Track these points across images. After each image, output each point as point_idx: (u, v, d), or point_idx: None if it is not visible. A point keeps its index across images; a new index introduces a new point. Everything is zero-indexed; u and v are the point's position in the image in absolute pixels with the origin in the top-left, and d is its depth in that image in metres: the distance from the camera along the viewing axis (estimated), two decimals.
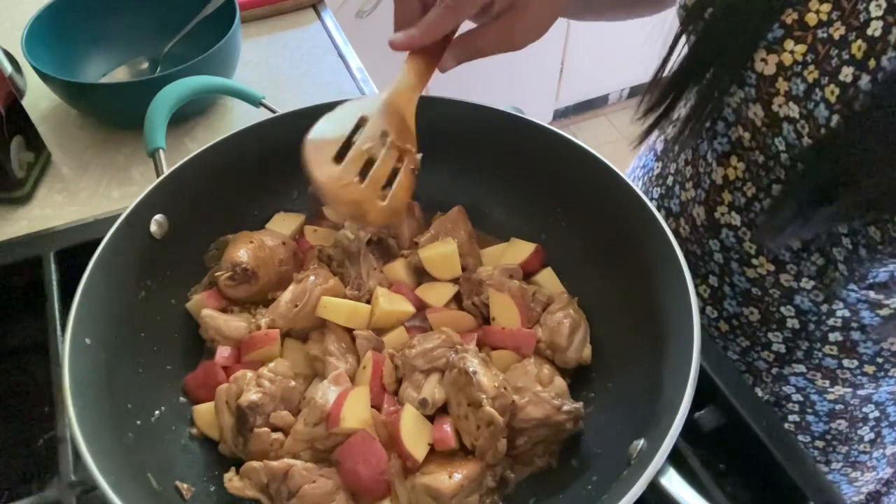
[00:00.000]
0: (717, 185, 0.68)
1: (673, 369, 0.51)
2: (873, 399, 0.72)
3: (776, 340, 0.71)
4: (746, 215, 0.66)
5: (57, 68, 0.90)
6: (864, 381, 0.69)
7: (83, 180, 0.91)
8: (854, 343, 0.66)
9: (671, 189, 0.76)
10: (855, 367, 0.68)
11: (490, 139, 0.71)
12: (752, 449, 0.57)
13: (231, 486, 0.55)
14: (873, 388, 0.70)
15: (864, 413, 0.74)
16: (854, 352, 0.67)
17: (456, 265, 0.68)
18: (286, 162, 0.72)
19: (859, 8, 0.51)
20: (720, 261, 0.71)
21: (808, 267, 0.64)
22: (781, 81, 0.56)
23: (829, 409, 0.74)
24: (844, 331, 0.66)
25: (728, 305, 0.73)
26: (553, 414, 0.57)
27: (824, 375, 0.71)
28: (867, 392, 0.71)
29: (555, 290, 0.68)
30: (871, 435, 0.76)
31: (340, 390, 0.58)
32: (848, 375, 0.69)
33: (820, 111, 0.53)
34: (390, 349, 0.62)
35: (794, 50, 0.55)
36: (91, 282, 0.55)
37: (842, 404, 0.73)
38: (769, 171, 0.62)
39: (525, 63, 2.36)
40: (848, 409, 0.74)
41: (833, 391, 0.72)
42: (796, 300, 0.67)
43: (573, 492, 0.55)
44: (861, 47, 0.51)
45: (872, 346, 0.66)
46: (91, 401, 0.51)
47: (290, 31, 1.15)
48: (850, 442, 0.77)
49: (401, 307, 0.65)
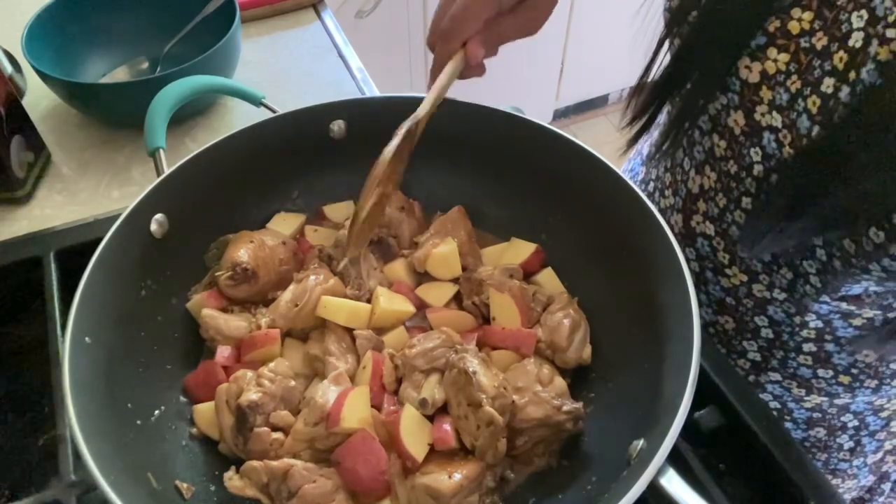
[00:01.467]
0: (693, 194, 0.68)
1: (673, 369, 0.51)
2: (851, 409, 0.72)
3: (751, 349, 0.71)
4: (720, 225, 0.66)
5: (57, 68, 0.90)
6: (840, 390, 0.69)
7: (83, 180, 0.91)
8: (828, 354, 0.66)
9: (652, 195, 0.76)
10: (830, 377, 0.68)
11: (490, 139, 0.71)
12: (752, 449, 0.57)
13: (231, 485, 0.55)
14: (849, 398, 0.70)
15: (843, 422, 0.74)
16: (828, 362, 0.67)
17: (456, 265, 0.68)
18: (286, 162, 0.72)
19: (841, 18, 0.50)
20: (696, 269, 0.71)
21: (780, 279, 0.64)
22: (765, 90, 0.56)
23: (807, 417, 0.74)
24: (818, 342, 0.66)
25: (704, 314, 0.73)
26: (553, 414, 0.57)
27: (800, 384, 0.71)
28: (844, 402, 0.71)
29: (555, 290, 0.68)
30: (850, 444, 0.76)
31: (340, 390, 0.58)
32: (823, 385, 0.69)
33: (802, 122, 0.53)
34: (390, 349, 0.62)
35: (778, 59, 0.55)
36: (91, 282, 0.55)
37: (819, 413, 0.73)
38: (740, 182, 0.62)
39: (525, 63, 2.36)
40: (826, 418, 0.73)
41: (809, 400, 0.72)
42: (769, 311, 0.67)
43: (573, 492, 0.55)
44: (842, 58, 0.50)
45: (847, 358, 0.66)
46: (91, 401, 0.51)
47: (290, 31, 1.15)
48: (830, 450, 0.76)
49: (401, 307, 0.65)
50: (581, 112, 2.86)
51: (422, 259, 0.68)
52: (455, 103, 0.70)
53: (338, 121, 0.72)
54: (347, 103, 0.73)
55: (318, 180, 0.75)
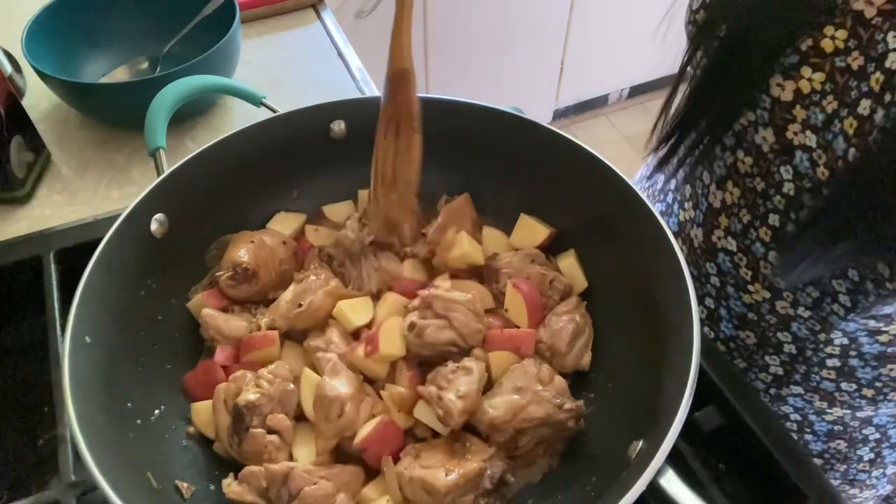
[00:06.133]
0: (715, 209, 0.67)
1: (673, 370, 0.51)
2: (873, 422, 0.71)
3: (773, 364, 0.70)
4: (742, 241, 0.65)
5: (57, 68, 0.90)
6: (863, 403, 0.69)
7: (83, 180, 0.91)
8: (852, 368, 0.66)
9: (671, 206, 0.75)
10: (853, 390, 0.67)
11: (490, 139, 0.71)
12: (752, 449, 0.57)
13: (230, 490, 0.55)
14: (872, 410, 0.70)
15: (864, 434, 0.73)
16: (852, 376, 0.66)
17: (479, 257, 0.68)
18: (287, 161, 0.72)
19: (877, 38, 0.49)
20: (717, 284, 0.70)
21: (805, 297, 0.63)
22: (799, 109, 0.55)
23: (828, 430, 0.73)
24: (843, 357, 0.65)
25: (724, 328, 0.72)
26: (554, 413, 0.57)
27: (822, 397, 0.70)
28: (866, 414, 0.70)
29: (576, 281, 0.67)
30: (870, 455, 0.75)
31: (347, 380, 0.59)
32: (846, 398, 0.69)
33: (838, 143, 0.52)
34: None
35: (813, 78, 0.53)
36: (91, 282, 0.55)
37: (840, 425, 0.72)
38: (767, 199, 0.61)
39: (525, 63, 2.35)
40: (847, 431, 0.73)
41: (831, 412, 0.71)
42: (793, 327, 0.66)
43: (573, 492, 0.55)
44: (878, 79, 0.49)
45: (871, 371, 0.65)
46: (91, 401, 0.51)
47: (290, 31, 1.15)
48: (849, 461, 0.76)
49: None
50: (581, 112, 2.85)
51: (444, 259, 0.69)
52: (455, 103, 0.70)
53: (338, 121, 0.72)
54: (347, 103, 0.73)
55: (318, 180, 0.75)
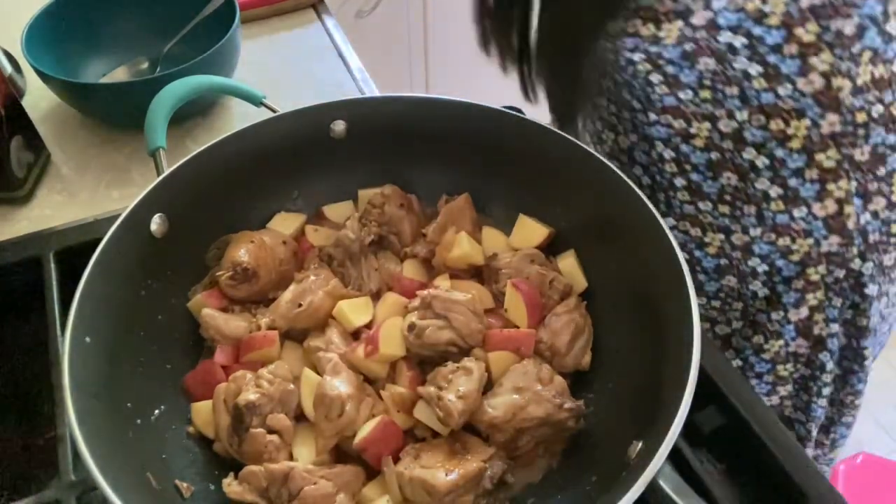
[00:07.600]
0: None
1: (672, 370, 0.51)
2: (754, 251, 0.74)
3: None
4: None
5: (57, 68, 0.90)
6: (728, 222, 0.73)
7: (83, 180, 0.91)
8: (697, 184, 0.72)
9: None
10: (711, 209, 0.73)
11: (490, 139, 0.71)
12: (752, 449, 0.57)
13: (230, 490, 0.55)
14: (742, 232, 0.73)
15: (751, 266, 0.75)
16: (700, 192, 0.73)
17: (479, 257, 0.68)
18: (287, 162, 0.72)
19: None
20: None
21: None
22: None
23: (715, 265, 0.76)
24: (683, 175, 0.73)
25: None
26: (555, 412, 0.57)
27: (692, 223, 0.75)
28: (743, 240, 0.74)
29: (575, 281, 0.67)
30: (764, 291, 0.76)
31: (347, 378, 0.59)
32: (710, 219, 0.74)
33: None
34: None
35: None
36: (91, 282, 0.55)
37: (725, 258, 0.76)
38: None
39: None
40: (733, 264, 0.75)
41: (709, 241, 0.75)
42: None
43: (573, 492, 0.55)
44: None
45: (712, 184, 0.73)
46: (91, 401, 0.51)
47: (290, 31, 1.15)
48: (744, 298, 0.77)
49: None
50: None
51: (443, 259, 0.69)
52: (455, 103, 0.70)
53: (338, 121, 0.72)
54: (347, 103, 0.73)
55: (318, 180, 0.75)
